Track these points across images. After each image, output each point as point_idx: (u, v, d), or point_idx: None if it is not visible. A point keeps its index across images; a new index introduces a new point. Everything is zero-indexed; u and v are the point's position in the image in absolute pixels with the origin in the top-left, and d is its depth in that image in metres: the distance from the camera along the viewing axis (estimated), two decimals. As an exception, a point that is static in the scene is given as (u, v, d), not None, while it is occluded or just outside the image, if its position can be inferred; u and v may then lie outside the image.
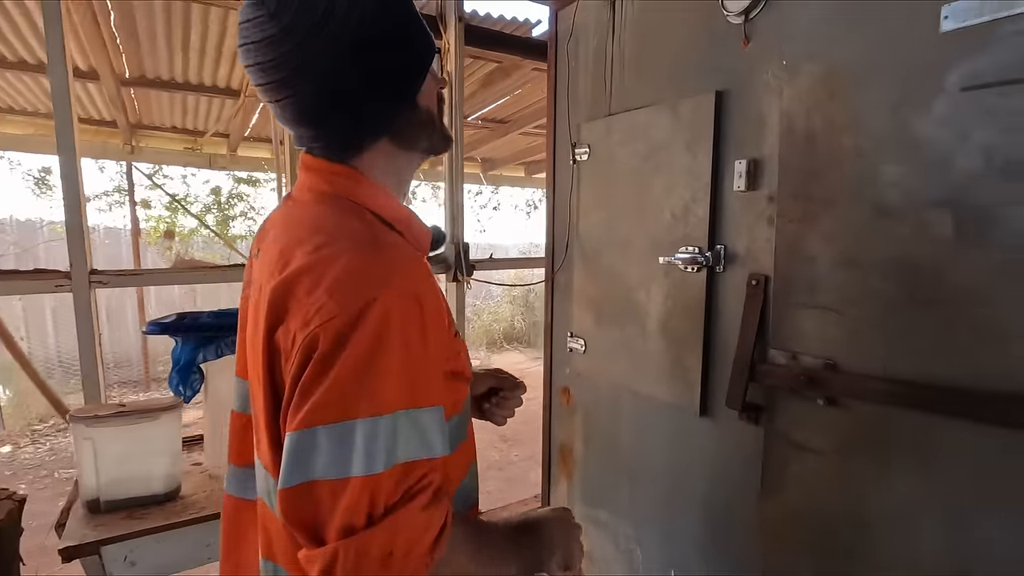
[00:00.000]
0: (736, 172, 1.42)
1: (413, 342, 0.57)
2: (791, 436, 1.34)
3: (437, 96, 0.74)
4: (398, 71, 0.67)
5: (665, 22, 1.63)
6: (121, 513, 1.33)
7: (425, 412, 0.58)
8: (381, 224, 0.67)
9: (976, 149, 0.99)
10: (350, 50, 0.63)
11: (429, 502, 0.57)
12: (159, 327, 1.38)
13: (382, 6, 0.65)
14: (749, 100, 1.40)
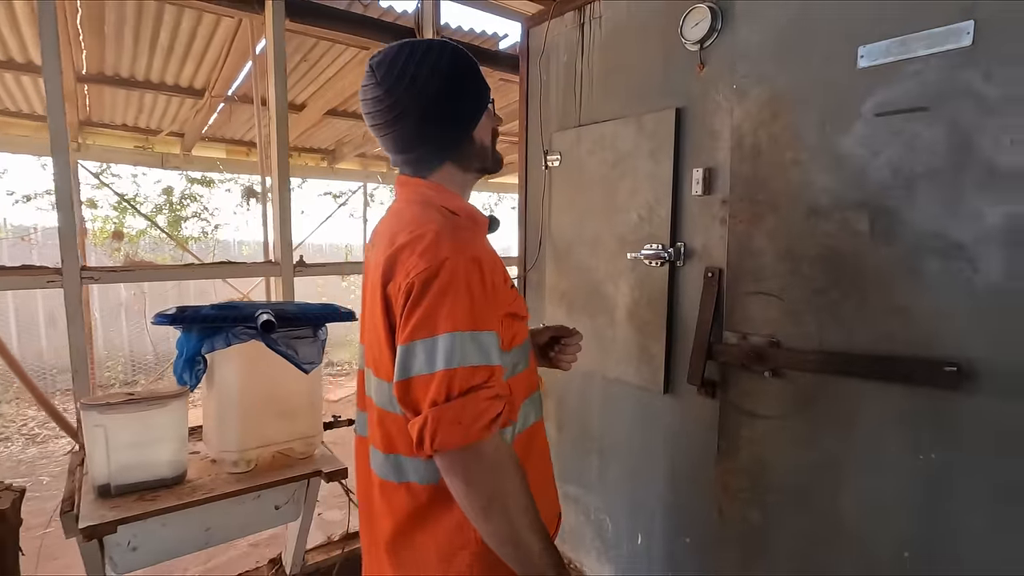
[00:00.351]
0: (694, 179, 1.64)
1: (474, 286, 0.83)
2: (742, 405, 1.56)
3: (492, 131, 1.03)
4: (457, 116, 0.96)
5: (630, 46, 1.83)
6: (132, 496, 1.39)
7: (484, 334, 0.83)
8: (452, 216, 0.94)
9: (885, 163, 1.24)
10: (427, 104, 0.92)
11: (491, 396, 0.81)
12: (167, 318, 1.44)
13: (447, 74, 0.93)
14: (704, 117, 1.62)
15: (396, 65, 0.91)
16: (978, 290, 1.12)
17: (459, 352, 0.80)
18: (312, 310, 1.60)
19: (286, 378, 1.55)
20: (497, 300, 0.88)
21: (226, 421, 1.50)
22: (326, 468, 1.60)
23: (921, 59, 1.18)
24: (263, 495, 1.63)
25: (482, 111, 0.98)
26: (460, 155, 0.99)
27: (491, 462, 0.81)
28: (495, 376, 0.82)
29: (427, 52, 0.93)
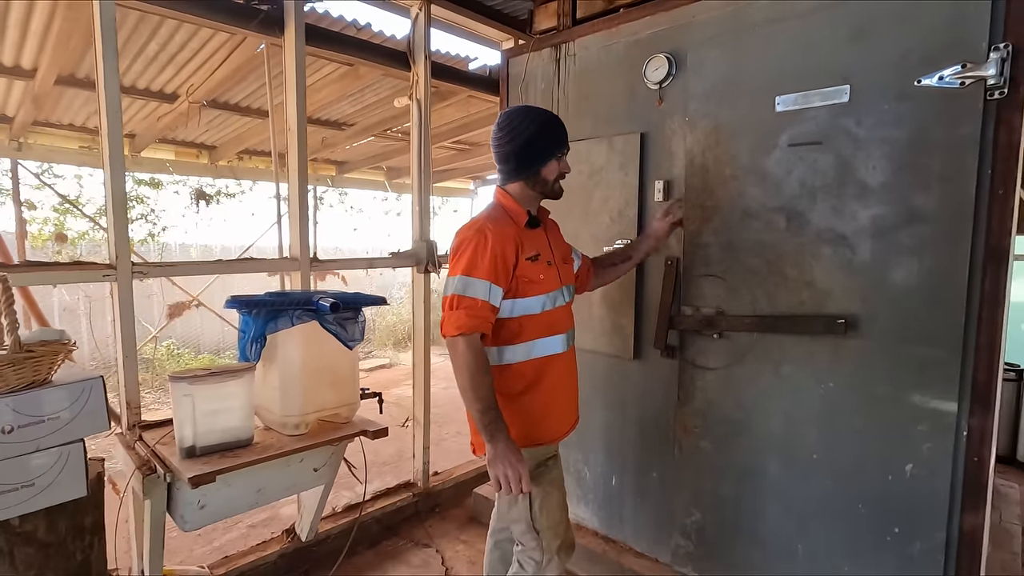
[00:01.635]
0: (656, 188, 2.11)
1: (478, 252, 1.46)
2: (696, 362, 2.04)
3: (557, 173, 1.63)
4: (532, 158, 1.59)
5: (601, 81, 2.27)
6: (216, 455, 1.63)
7: (475, 280, 1.45)
8: (501, 210, 1.60)
9: (795, 179, 1.75)
10: (517, 146, 1.58)
11: (466, 316, 1.43)
12: (239, 303, 1.70)
13: (532, 133, 1.57)
14: (663, 140, 2.09)
15: (514, 120, 1.57)
16: (855, 267, 1.66)
17: (462, 286, 1.45)
18: (350, 297, 1.90)
19: (334, 353, 1.84)
20: (498, 262, 1.46)
21: (290, 389, 1.77)
22: (370, 429, 1.90)
23: (816, 108, 1.70)
24: (305, 458, 1.90)
25: (549, 159, 1.59)
26: (528, 180, 1.61)
27: (458, 351, 1.43)
28: (475, 306, 1.43)
29: (534, 116, 1.57)
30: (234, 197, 5.85)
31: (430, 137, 2.70)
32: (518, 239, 1.52)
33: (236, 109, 3.95)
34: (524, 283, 1.51)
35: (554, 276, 1.61)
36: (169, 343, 5.89)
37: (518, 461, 1.38)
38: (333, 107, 4.02)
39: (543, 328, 1.57)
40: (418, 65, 2.67)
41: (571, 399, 1.71)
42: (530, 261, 1.53)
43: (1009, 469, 3.44)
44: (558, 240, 1.75)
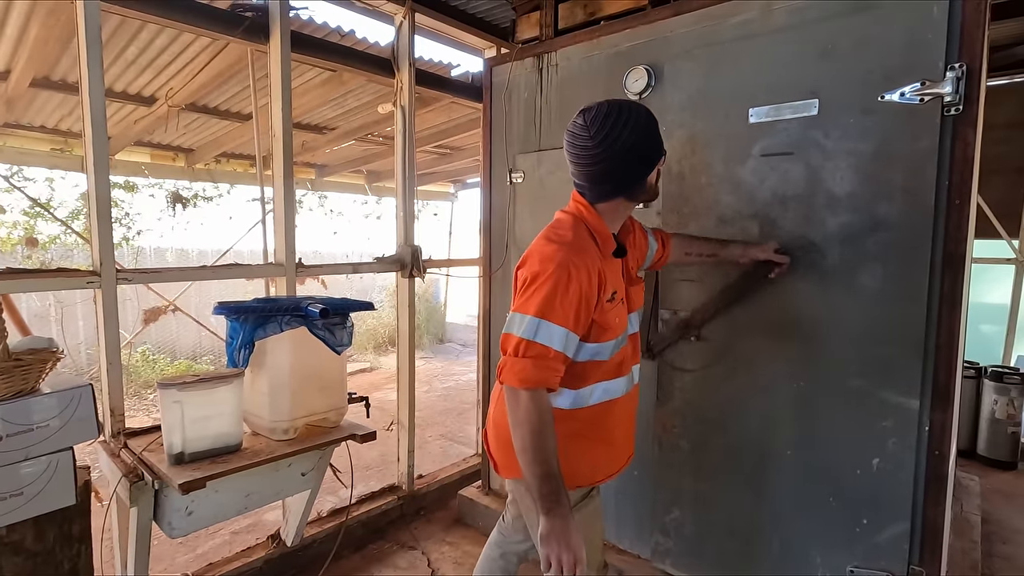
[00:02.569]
0: (636, 195, 2.17)
1: (559, 291, 1.21)
2: (675, 363, 2.11)
3: (658, 174, 1.37)
4: (640, 168, 1.31)
5: (583, 90, 2.34)
6: (205, 462, 1.64)
7: (553, 326, 1.22)
8: (589, 234, 1.32)
9: (768, 188, 1.84)
10: (620, 157, 1.27)
11: (538, 367, 1.21)
12: (227, 309, 1.71)
13: (638, 138, 1.26)
14: (643, 149, 2.16)
15: (605, 124, 1.24)
16: (825, 271, 1.74)
17: (532, 329, 1.21)
18: (339, 302, 1.92)
19: (323, 358, 1.86)
20: (581, 306, 1.23)
21: (279, 395, 1.79)
22: (358, 432, 1.93)
23: (787, 120, 1.79)
24: (293, 463, 1.92)
25: (656, 165, 1.32)
26: (633, 193, 1.34)
27: (520, 407, 1.21)
28: (546, 355, 1.21)
29: (628, 116, 1.25)
30: (211, 200, 5.77)
31: (414, 143, 2.73)
32: (602, 275, 1.27)
33: (215, 112, 3.92)
34: (599, 329, 1.29)
35: (625, 313, 1.39)
36: (144, 349, 5.77)
37: (577, 545, 1.14)
38: (315, 111, 4.02)
39: (610, 372, 1.37)
40: (402, 72, 2.70)
41: (627, 437, 1.54)
42: (609, 303, 1.29)
43: (970, 462, 3.60)
44: (633, 254, 1.50)
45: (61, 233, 4.91)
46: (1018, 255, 3.94)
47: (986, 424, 3.59)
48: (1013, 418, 3.51)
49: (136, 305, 5.26)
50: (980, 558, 2.46)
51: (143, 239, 5.59)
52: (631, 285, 1.45)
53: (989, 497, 3.14)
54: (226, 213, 5.92)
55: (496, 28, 3.06)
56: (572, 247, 1.25)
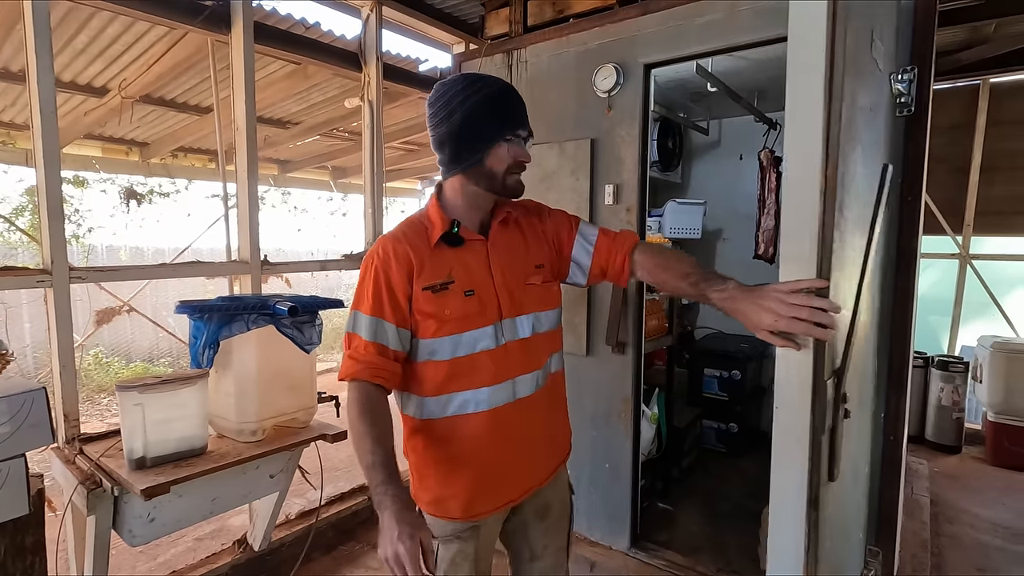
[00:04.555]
0: (606, 192, 2.20)
1: (365, 280, 1.17)
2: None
3: (509, 164, 1.17)
4: (470, 144, 1.17)
5: (553, 88, 2.35)
6: (168, 466, 1.58)
7: (360, 314, 1.16)
8: (421, 222, 1.23)
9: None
10: (451, 128, 1.17)
11: (349, 356, 1.15)
12: (190, 308, 1.65)
13: (469, 111, 1.15)
14: (613, 146, 2.19)
15: (449, 90, 1.16)
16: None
17: (351, 322, 1.17)
18: (308, 300, 1.89)
19: (291, 357, 1.82)
20: (384, 292, 1.15)
21: (246, 395, 1.74)
22: (328, 432, 1.89)
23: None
24: (261, 464, 1.87)
25: (496, 142, 1.16)
26: (471, 172, 1.18)
27: (348, 398, 1.14)
28: (358, 347, 1.14)
29: (469, 84, 1.15)
30: (168, 197, 5.55)
31: (382, 139, 2.69)
32: (413, 262, 1.15)
33: (172, 105, 3.77)
34: (424, 321, 1.16)
35: (482, 310, 1.18)
36: (97, 352, 5.51)
37: (409, 536, 0.95)
38: (278, 105, 3.91)
39: (459, 379, 1.18)
40: (370, 66, 2.65)
41: (524, 462, 1.26)
42: (430, 292, 1.15)
43: (918, 447, 3.79)
44: (519, 251, 1.27)
45: (4, 230, 4.64)
46: (961, 250, 4.16)
47: (933, 411, 3.78)
48: (958, 404, 3.71)
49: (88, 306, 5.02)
50: (929, 537, 2.60)
51: (94, 237, 5.33)
52: (513, 282, 1.22)
53: (936, 480, 3.31)
54: (184, 210, 5.71)
55: (465, 24, 3.04)
56: (388, 236, 1.21)
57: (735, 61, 2.50)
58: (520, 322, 1.23)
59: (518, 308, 1.22)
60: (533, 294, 1.26)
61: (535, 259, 1.28)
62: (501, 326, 1.20)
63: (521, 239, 1.29)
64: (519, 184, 1.22)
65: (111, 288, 4.80)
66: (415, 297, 1.15)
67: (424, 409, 1.20)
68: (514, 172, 1.19)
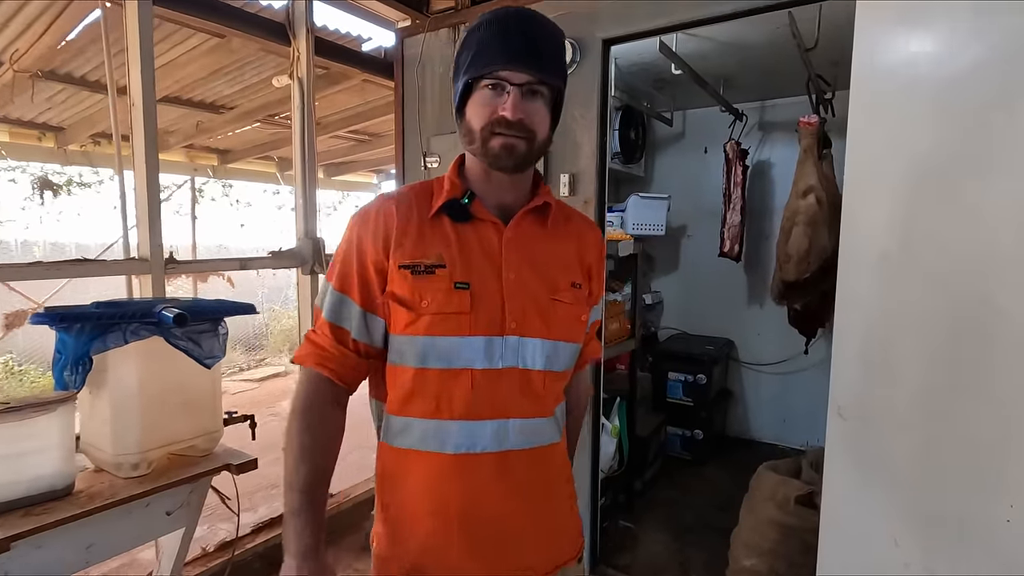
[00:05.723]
0: (562, 182, 1.98)
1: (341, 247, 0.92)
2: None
3: (489, 119, 0.83)
4: (455, 95, 0.90)
5: (502, 65, 2.11)
6: (18, 513, 1.28)
7: (330, 289, 0.91)
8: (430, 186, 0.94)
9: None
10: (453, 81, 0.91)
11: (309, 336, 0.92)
12: (50, 317, 1.34)
13: (462, 42, 0.88)
14: (568, 131, 1.97)
15: None
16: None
17: (319, 296, 0.94)
18: (210, 304, 1.59)
19: (187, 374, 1.53)
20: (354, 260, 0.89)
21: (125, 421, 1.44)
22: (235, 461, 1.60)
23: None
24: (152, 501, 1.57)
25: (467, 88, 0.86)
26: (461, 132, 0.90)
27: (295, 391, 0.90)
28: (320, 324, 0.91)
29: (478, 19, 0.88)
30: (90, 187, 5.06)
31: (314, 121, 2.40)
32: (394, 227, 0.87)
33: (83, 83, 3.36)
34: (394, 308, 0.87)
35: (475, 312, 0.86)
36: (7, 358, 4.99)
37: None
38: (206, 86, 3.55)
39: (423, 399, 0.87)
40: (299, 40, 2.36)
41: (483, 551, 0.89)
42: (409, 272, 0.85)
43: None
44: (553, 256, 0.94)
45: None
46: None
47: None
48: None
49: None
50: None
51: (4, 231, 4.81)
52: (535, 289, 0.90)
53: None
54: (111, 202, 5.22)
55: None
56: (384, 194, 0.96)
57: (701, 43, 2.32)
58: (532, 346, 0.88)
59: (533, 327, 0.88)
60: (560, 315, 0.92)
61: (572, 275, 0.96)
62: (503, 343, 0.86)
63: (560, 244, 0.96)
64: (504, 151, 0.84)
65: (23, 289, 4.34)
66: (391, 275, 0.87)
67: (386, 427, 0.92)
68: (498, 132, 0.84)
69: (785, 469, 1.88)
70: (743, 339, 3.42)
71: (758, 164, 3.28)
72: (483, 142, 0.85)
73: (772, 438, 3.41)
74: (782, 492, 1.75)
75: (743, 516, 1.91)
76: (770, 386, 3.39)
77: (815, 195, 2.23)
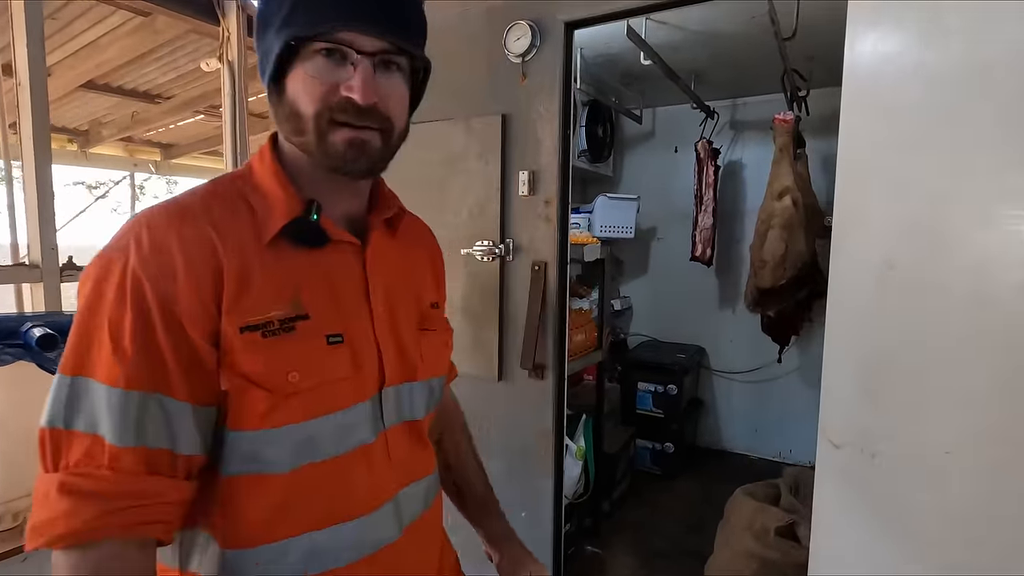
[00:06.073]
0: (520, 180, 1.78)
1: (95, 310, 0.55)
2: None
3: (328, 100, 0.59)
4: (262, 57, 0.62)
5: (457, 50, 1.90)
6: None
7: (93, 383, 0.54)
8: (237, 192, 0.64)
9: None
10: (256, 33, 0.64)
11: (72, 485, 0.51)
12: None
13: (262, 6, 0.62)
14: (528, 124, 1.77)
15: None
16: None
17: (60, 403, 0.54)
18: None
19: (68, 405, 1.27)
20: (152, 328, 0.54)
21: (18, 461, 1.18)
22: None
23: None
24: (29, 558, 1.31)
25: (287, 56, 0.59)
26: (276, 113, 0.63)
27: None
28: (99, 457, 0.52)
29: None
30: None
31: (246, 112, 2.15)
32: (224, 265, 0.57)
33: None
34: (239, 391, 0.58)
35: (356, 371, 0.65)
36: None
37: None
38: (137, 72, 3.23)
39: (307, 509, 0.62)
40: (228, 19, 2.11)
41: None
42: (256, 333, 0.58)
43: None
44: (411, 276, 0.77)
45: None
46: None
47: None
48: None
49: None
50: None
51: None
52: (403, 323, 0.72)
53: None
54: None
55: (359, -22, 2.53)
56: (161, 213, 0.58)
57: (672, 33, 2.16)
58: (413, 393, 0.72)
59: (410, 368, 0.71)
60: (431, 346, 0.76)
61: (430, 293, 0.80)
62: (387, 398, 0.68)
63: (413, 257, 0.79)
64: (353, 151, 0.61)
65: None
66: (229, 343, 0.56)
67: (228, 570, 0.59)
68: (342, 121, 0.60)
69: (763, 495, 1.73)
70: (715, 346, 3.30)
71: (729, 165, 3.16)
72: (319, 135, 0.60)
73: (744, 448, 3.30)
74: (760, 522, 1.60)
75: (718, 547, 1.75)
76: (742, 395, 3.27)
77: (791, 197, 2.10)
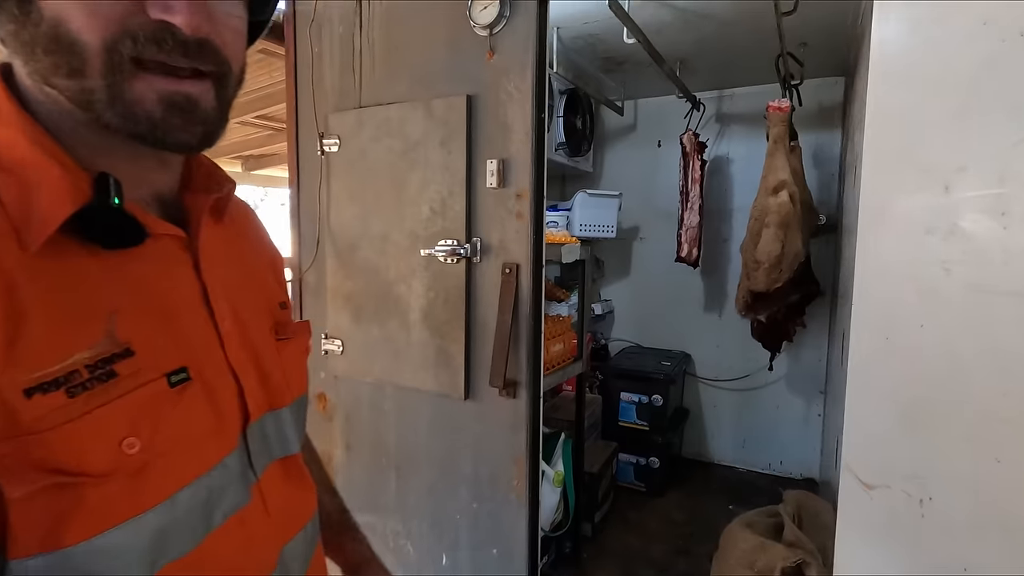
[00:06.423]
0: (488, 171, 1.56)
1: None
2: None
3: (134, 27, 0.38)
4: None
5: (416, 23, 1.67)
6: None
7: None
8: None
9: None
10: None
11: None
12: None
13: None
14: (496, 106, 1.55)
15: None
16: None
17: None
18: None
19: None
20: None
21: None
22: None
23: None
24: None
25: None
26: (15, 36, 0.39)
27: None
28: None
29: None
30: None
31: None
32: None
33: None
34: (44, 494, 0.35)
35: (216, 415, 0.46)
36: None
37: None
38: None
39: None
40: None
41: None
42: (59, 391, 0.36)
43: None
44: (253, 272, 0.59)
45: None
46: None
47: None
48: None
49: None
50: None
51: None
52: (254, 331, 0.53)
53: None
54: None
55: (313, -49, 2.28)
56: None
57: (657, 10, 1.96)
58: (281, 422, 0.55)
59: (276, 394, 0.54)
60: (292, 360, 0.58)
61: (277, 293, 0.61)
62: (252, 436, 0.50)
63: (248, 251, 0.59)
64: (172, 111, 0.41)
65: None
66: (6, 417, 0.34)
67: None
68: (151, 59, 0.39)
69: (763, 526, 1.53)
70: (701, 352, 3.11)
71: (715, 160, 2.98)
72: (112, 84, 0.38)
73: (732, 460, 3.12)
74: (763, 560, 1.40)
75: (714, 586, 1.55)
76: (730, 404, 3.09)
77: (788, 191, 1.91)
